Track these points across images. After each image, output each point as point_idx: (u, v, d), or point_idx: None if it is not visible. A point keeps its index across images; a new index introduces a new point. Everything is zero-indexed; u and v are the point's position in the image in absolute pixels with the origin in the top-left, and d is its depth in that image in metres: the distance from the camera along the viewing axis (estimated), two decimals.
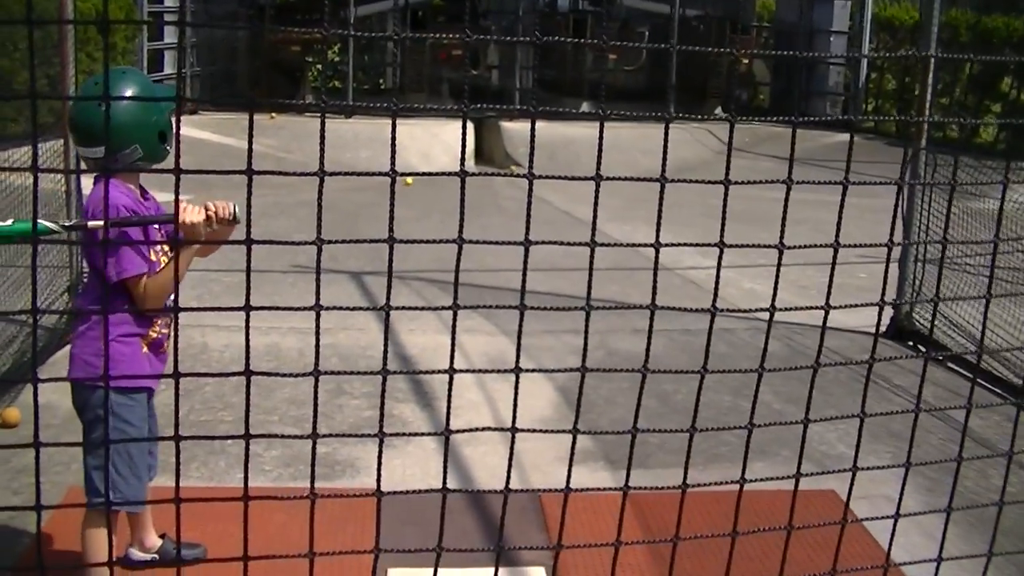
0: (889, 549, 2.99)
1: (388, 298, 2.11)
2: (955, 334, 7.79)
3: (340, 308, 2.12)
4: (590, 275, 2.23)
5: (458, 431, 2.56)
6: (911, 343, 8.31)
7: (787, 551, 2.79)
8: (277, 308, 2.09)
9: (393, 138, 2.05)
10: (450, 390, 2.22)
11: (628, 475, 2.53)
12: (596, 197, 2.15)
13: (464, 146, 2.10)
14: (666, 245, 2.31)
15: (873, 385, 2.51)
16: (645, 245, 2.47)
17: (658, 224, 2.46)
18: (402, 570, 4.72)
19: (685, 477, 2.51)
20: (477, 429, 2.53)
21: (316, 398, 2.20)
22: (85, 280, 6.18)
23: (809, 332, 8.25)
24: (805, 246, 2.59)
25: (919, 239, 8.14)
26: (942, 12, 8.57)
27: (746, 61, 21.03)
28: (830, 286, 2.68)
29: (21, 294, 7.16)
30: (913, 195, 8.23)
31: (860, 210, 7.57)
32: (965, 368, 7.62)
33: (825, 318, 2.64)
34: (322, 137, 2.08)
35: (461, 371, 2.23)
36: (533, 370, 2.47)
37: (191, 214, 3.98)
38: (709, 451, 6.07)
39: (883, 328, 8.37)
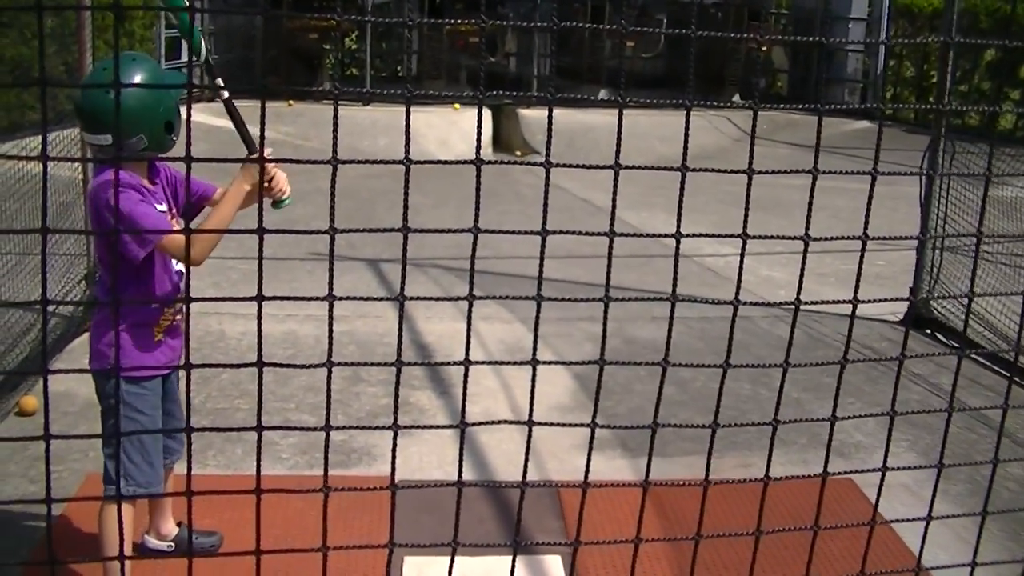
0: (921, 550, 2.99)
1: (403, 288, 2.10)
2: (974, 322, 7.76)
3: (353, 298, 2.11)
4: (608, 265, 2.22)
5: (473, 424, 2.55)
6: (929, 331, 8.28)
7: (813, 551, 2.78)
8: (288, 298, 2.08)
9: (407, 124, 2.04)
10: (465, 382, 2.21)
11: (648, 471, 2.52)
12: (615, 186, 2.13)
13: (480, 134, 2.08)
14: (687, 236, 2.30)
15: (890, 373, 2.50)
16: (665, 236, 2.46)
17: (679, 215, 2.45)
18: (418, 558, 4.72)
19: (707, 475, 2.49)
20: (492, 423, 2.52)
21: (329, 389, 2.19)
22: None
23: (827, 319, 8.23)
24: (831, 238, 2.57)
25: (937, 226, 8.10)
26: None
27: (764, 48, 20.96)
28: (858, 278, 2.66)
29: (39, 281, 7.17)
30: (931, 183, 8.20)
31: (878, 196, 7.54)
32: (986, 358, 7.59)
33: (853, 312, 2.63)
34: (335, 125, 2.07)
35: (477, 363, 2.22)
36: (550, 362, 2.46)
37: (258, 168, 3.99)
38: (727, 438, 6.05)
39: (900, 315, 8.34)
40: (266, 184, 4.08)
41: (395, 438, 2.28)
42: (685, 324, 7.94)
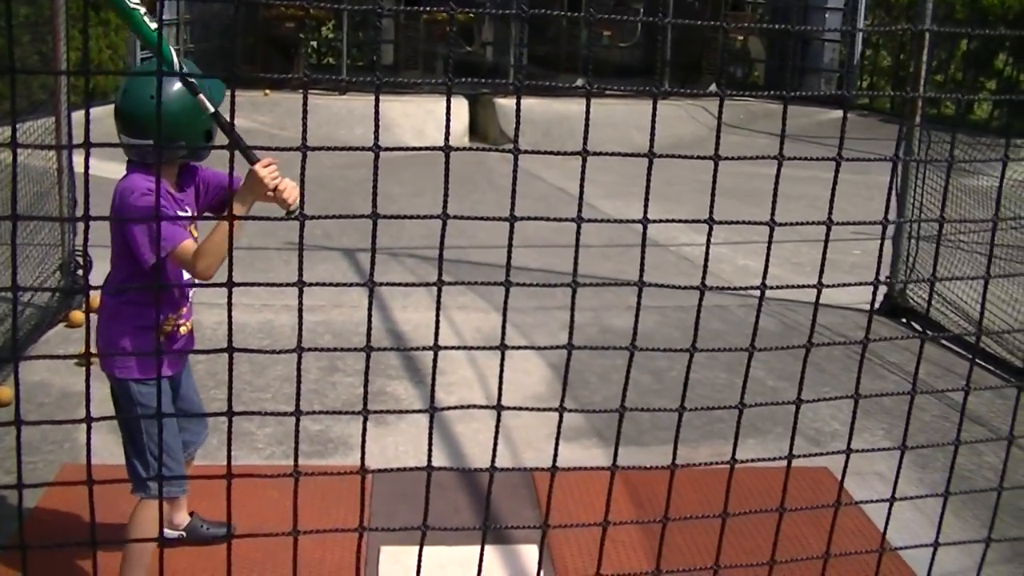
0: (884, 531, 2.99)
1: (372, 274, 2.10)
2: (949, 311, 7.79)
3: (324, 284, 2.10)
4: (576, 252, 2.22)
5: (444, 408, 2.55)
6: (904, 320, 8.31)
7: (779, 532, 2.79)
8: (258, 284, 2.07)
9: (376, 112, 2.03)
10: (434, 367, 2.21)
11: (616, 454, 2.52)
12: (583, 173, 2.13)
13: (448, 122, 2.07)
14: (654, 221, 2.30)
15: (866, 362, 2.50)
16: (633, 221, 2.46)
17: (646, 200, 2.45)
18: (394, 547, 4.72)
19: (674, 458, 2.50)
20: (463, 407, 2.52)
21: (299, 377, 2.18)
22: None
23: (803, 308, 8.25)
24: (797, 223, 2.58)
25: (913, 216, 8.13)
26: None
27: (741, 37, 20.99)
28: (823, 265, 2.67)
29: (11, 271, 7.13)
30: (907, 172, 8.22)
31: (855, 186, 7.61)
32: (959, 345, 7.63)
33: (818, 297, 2.63)
34: (304, 113, 2.06)
35: (446, 347, 2.22)
36: (519, 347, 2.46)
37: (268, 171, 3.96)
38: (703, 428, 6.07)
39: (876, 305, 8.36)
40: (272, 193, 4.05)
41: (364, 423, 2.27)
42: (661, 314, 7.94)
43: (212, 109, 4.07)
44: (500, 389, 2.36)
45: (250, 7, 18.25)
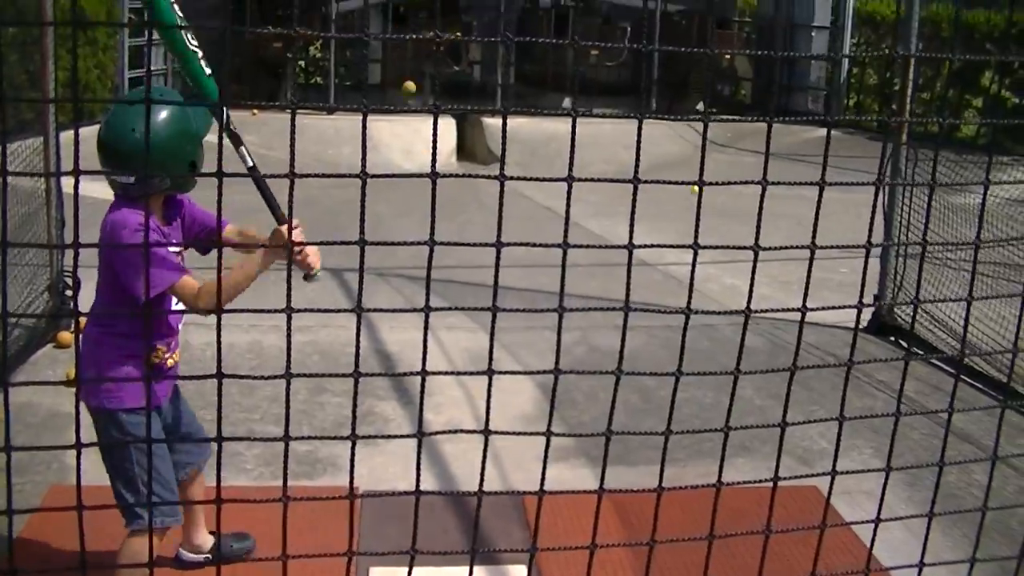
0: (871, 549, 2.99)
1: (360, 300, 2.10)
2: (937, 329, 7.80)
3: (313, 311, 2.10)
4: (562, 278, 2.22)
5: (432, 433, 2.55)
6: (892, 338, 8.32)
7: (766, 553, 2.79)
8: (248, 311, 2.06)
9: (364, 137, 2.03)
10: (422, 392, 2.21)
11: (603, 476, 2.52)
12: (568, 198, 2.13)
13: (435, 145, 2.07)
14: (640, 247, 2.30)
15: (855, 380, 2.51)
16: (618, 247, 2.47)
17: (631, 225, 2.46)
18: (383, 569, 4.71)
19: (660, 480, 2.50)
20: (451, 431, 2.52)
21: (287, 402, 2.17)
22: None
23: (791, 327, 8.25)
24: (782, 247, 2.59)
25: (900, 235, 8.15)
26: (923, 7, 8.58)
27: (728, 55, 21.04)
28: (807, 288, 2.67)
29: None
30: (894, 190, 8.24)
31: (843, 204, 7.60)
32: (946, 363, 7.64)
33: (802, 320, 2.64)
34: (292, 139, 2.06)
35: (434, 372, 2.22)
36: (508, 372, 2.46)
37: (295, 234, 3.91)
38: (692, 447, 6.06)
39: (864, 324, 8.38)
40: (296, 257, 4.05)
41: (353, 448, 2.27)
42: (649, 334, 7.94)
43: (251, 162, 4.06)
44: (488, 414, 2.35)
45: (237, 26, 18.30)
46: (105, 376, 4.06)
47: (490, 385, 2.25)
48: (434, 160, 2.05)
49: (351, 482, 2.16)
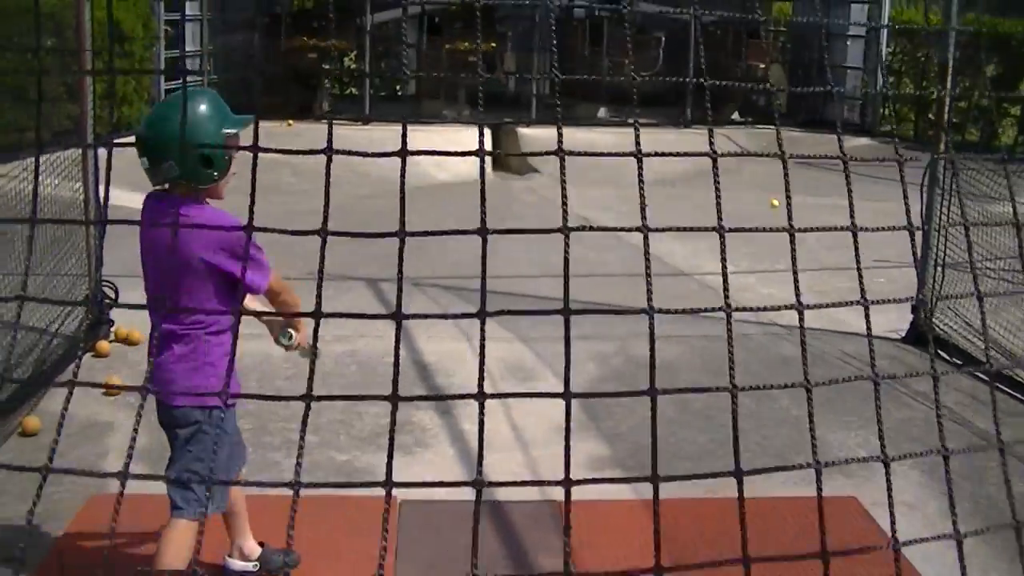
0: (893, 528, 2.97)
1: (399, 306, 2.09)
2: (976, 339, 7.75)
3: (340, 315, 2.10)
4: (566, 281, 2.22)
5: (489, 483, 2.55)
6: (933, 349, 8.27)
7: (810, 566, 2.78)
8: (258, 313, 2.06)
9: (404, 146, 2.03)
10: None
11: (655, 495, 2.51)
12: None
13: (483, 174, 2.06)
14: (653, 230, 2.29)
15: (892, 391, 2.48)
16: (624, 229, 2.45)
17: (643, 211, 2.45)
18: None
19: (654, 493, 2.49)
20: (453, 488, 2.51)
21: (304, 423, 2.16)
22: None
23: (827, 337, 8.22)
24: (815, 229, 2.57)
25: (938, 244, 8.10)
26: (960, 16, 8.54)
27: (763, 66, 20.98)
28: (796, 301, 2.66)
29: (39, 304, 7.17)
30: (932, 200, 8.19)
31: (875, 214, 7.54)
32: (985, 374, 7.58)
33: (802, 320, 2.62)
34: (328, 159, 2.06)
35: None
36: (511, 394, 2.45)
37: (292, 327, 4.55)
38: (727, 459, 6.02)
39: (902, 333, 8.34)
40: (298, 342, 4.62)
41: (390, 459, 2.27)
42: (686, 343, 7.92)
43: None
44: (480, 442, 2.34)
45: (272, 37, 18.37)
46: (213, 375, 4.24)
47: (482, 409, 2.23)
48: (482, 178, 2.04)
49: (388, 493, 2.15)
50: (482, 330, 2.06)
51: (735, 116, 19.94)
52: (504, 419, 6.60)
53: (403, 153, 1.95)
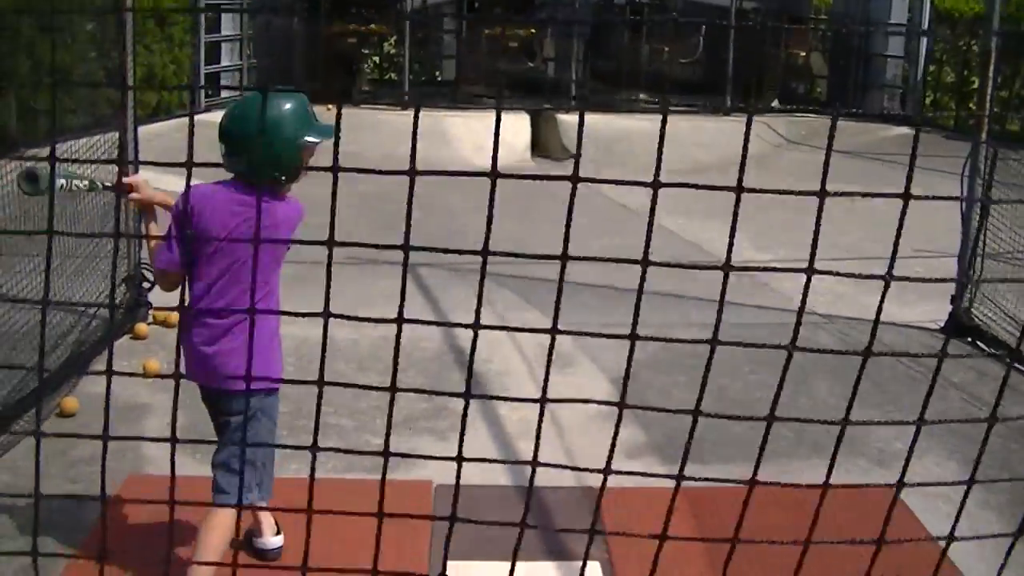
0: (942, 544, 2.95)
1: (401, 308, 2.10)
2: (1015, 329, 7.70)
3: (348, 318, 2.10)
4: (567, 230, 2.21)
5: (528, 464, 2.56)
6: (969, 339, 8.22)
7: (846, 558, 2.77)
8: (290, 314, 2.07)
9: (415, 133, 2.03)
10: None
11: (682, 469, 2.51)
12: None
13: (496, 142, 2.06)
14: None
15: (929, 382, 2.47)
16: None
17: (655, 181, 2.44)
18: (457, 563, 4.72)
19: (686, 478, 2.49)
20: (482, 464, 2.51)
21: (319, 410, 2.17)
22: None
23: (863, 327, 8.18)
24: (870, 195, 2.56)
25: (979, 235, 8.05)
26: (1003, 5, 8.49)
27: (803, 53, 20.88)
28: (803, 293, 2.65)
29: (80, 284, 7.21)
30: (973, 189, 8.14)
31: (913, 203, 7.52)
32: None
33: (801, 294, 2.61)
34: (335, 145, 2.06)
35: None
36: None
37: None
38: (766, 447, 6.03)
39: (941, 323, 8.30)
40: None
41: (384, 463, 2.28)
42: (723, 331, 7.87)
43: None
44: (461, 438, 2.35)
45: (312, 22, 18.39)
46: (276, 360, 4.39)
47: (542, 410, 2.23)
48: (494, 158, 2.04)
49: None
50: (477, 318, 2.05)
51: (775, 103, 19.83)
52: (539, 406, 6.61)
53: (411, 173, 1.95)
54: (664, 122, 2.00)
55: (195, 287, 4.23)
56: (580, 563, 2.26)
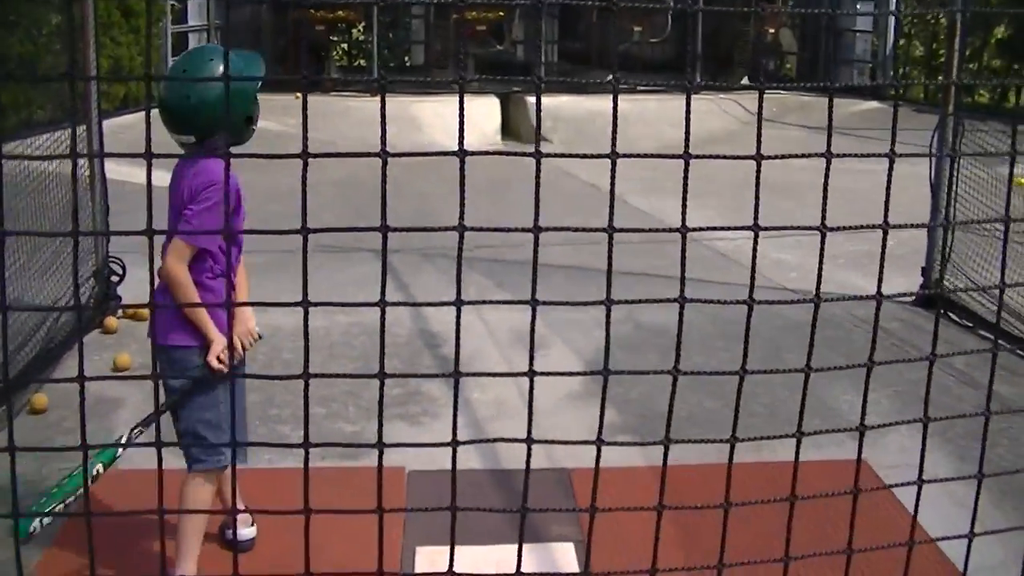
0: (915, 516, 2.96)
1: (383, 294, 2.09)
2: (986, 300, 7.72)
3: (327, 304, 2.09)
4: (537, 198, 2.21)
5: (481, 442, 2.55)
6: (942, 311, 8.24)
7: (808, 526, 2.78)
8: (258, 304, 2.06)
9: (383, 114, 2.02)
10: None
11: (664, 475, 2.51)
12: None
13: (462, 124, 2.06)
14: (694, 229, 2.28)
15: (904, 353, 2.46)
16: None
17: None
18: (429, 548, 4.72)
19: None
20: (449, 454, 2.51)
21: (307, 404, 2.17)
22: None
23: (837, 301, 8.18)
24: (846, 228, 2.55)
25: (950, 207, 8.07)
26: None
27: (772, 29, 20.90)
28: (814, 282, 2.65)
29: (47, 279, 7.16)
30: (941, 161, 8.16)
31: (885, 176, 7.53)
32: (993, 334, 7.57)
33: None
34: (305, 117, 2.05)
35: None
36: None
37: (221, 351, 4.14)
38: (740, 422, 6.03)
39: (912, 296, 8.31)
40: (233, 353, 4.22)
41: (380, 457, 2.27)
42: (697, 308, 7.84)
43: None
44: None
45: (279, 10, 18.32)
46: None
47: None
48: (461, 139, 2.03)
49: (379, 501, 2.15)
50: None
51: (743, 80, 19.84)
52: (514, 387, 6.60)
53: (383, 155, 1.94)
54: (615, 99, 1.99)
55: (220, 258, 4.10)
56: (554, 544, 2.26)
